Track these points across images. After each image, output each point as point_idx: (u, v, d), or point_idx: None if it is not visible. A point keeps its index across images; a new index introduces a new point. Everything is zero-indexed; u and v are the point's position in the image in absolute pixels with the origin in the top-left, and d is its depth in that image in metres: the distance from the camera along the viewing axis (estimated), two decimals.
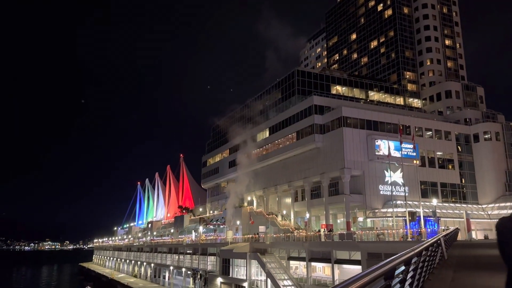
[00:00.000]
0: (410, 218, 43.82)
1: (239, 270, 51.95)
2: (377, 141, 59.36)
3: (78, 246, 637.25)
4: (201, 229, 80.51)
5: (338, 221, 64.49)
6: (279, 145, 73.57)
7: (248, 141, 79.49)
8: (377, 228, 51.43)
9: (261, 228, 64.25)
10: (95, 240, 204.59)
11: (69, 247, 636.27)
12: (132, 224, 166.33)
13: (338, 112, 61.29)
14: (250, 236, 59.69)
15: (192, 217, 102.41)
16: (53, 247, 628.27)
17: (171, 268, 78.56)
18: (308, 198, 65.93)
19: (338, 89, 75.80)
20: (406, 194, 49.96)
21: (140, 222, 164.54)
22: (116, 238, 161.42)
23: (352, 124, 60.72)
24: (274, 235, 56.11)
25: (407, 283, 6.01)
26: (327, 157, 62.05)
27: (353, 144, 59.33)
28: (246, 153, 79.98)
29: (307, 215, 62.78)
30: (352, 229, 53.47)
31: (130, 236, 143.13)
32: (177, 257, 78.08)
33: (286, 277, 45.54)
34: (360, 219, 59.91)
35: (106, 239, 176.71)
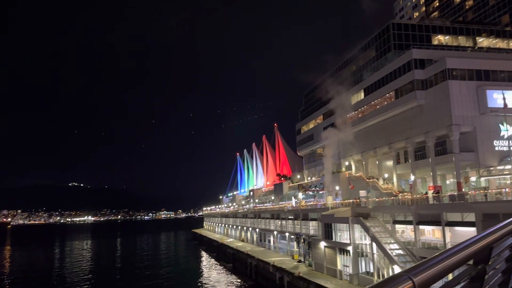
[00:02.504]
0: None
1: (342, 234, 51.88)
2: (489, 93, 53.31)
3: (189, 214, 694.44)
4: (300, 195, 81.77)
5: (447, 182, 60.22)
6: (376, 106, 70.15)
7: (342, 105, 77.16)
8: (486, 187, 46.92)
9: (362, 193, 62.86)
10: (204, 208, 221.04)
11: (182, 216, 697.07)
12: (235, 192, 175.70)
13: (442, 64, 56.00)
14: (351, 201, 58.94)
15: (290, 184, 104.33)
16: (168, 216, 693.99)
17: (275, 232, 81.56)
18: (411, 159, 62.39)
19: (440, 39, 69.00)
20: None
21: (242, 190, 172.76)
22: (222, 206, 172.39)
23: (459, 76, 55.13)
24: (377, 199, 54.57)
25: None
26: (431, 115, 57.59)
27: (461, 98, 54.04)
28: (341, 117, 77.92)
29: (412, 178, 59.66)
30: (464, 189, 49.58)
31: (234, 204, 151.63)
32: (279, 222, 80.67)
33: (392, 241, 44.30)
34: (473, 178, 55.15)
35: (214, 207, 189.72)
